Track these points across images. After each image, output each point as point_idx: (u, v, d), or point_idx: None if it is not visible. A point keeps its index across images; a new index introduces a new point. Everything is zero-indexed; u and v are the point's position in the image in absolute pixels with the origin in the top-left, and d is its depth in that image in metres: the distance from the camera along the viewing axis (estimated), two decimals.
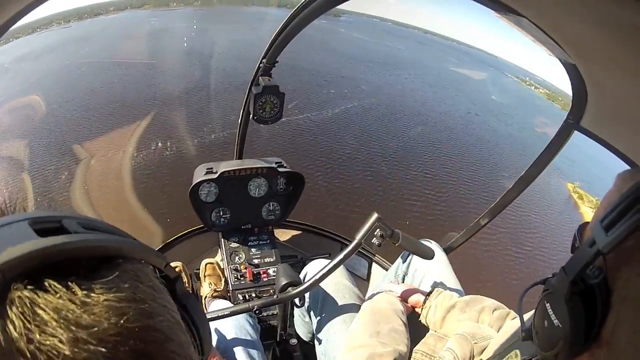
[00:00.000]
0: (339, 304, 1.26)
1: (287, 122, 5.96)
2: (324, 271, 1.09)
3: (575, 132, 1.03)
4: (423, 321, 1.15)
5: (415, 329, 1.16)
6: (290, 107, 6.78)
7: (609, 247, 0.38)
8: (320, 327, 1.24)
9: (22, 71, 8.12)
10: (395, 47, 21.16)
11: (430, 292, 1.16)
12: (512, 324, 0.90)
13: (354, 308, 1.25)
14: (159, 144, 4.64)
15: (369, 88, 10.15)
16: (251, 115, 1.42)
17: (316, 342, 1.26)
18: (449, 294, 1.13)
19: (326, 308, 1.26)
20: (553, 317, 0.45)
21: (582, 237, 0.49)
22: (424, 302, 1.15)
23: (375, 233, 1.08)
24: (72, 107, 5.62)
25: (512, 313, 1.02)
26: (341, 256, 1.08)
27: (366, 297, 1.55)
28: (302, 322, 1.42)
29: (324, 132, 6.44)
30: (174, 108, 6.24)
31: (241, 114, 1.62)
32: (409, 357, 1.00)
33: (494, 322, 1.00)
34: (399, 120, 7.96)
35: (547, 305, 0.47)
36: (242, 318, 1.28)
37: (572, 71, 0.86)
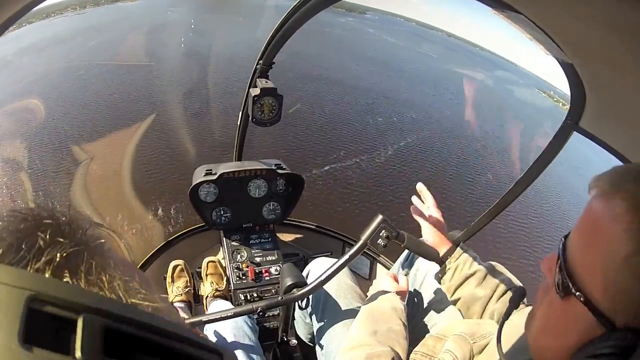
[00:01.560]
0: (341, 304, 1.26)
1: (333, 170, 4.76)
2: (330, 272, 1.09)
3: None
4: (439, 284, 1.14)
5: (415, 329, 1.16)
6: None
7: None
8: (321, 328, 1.25)
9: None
10: (428, 55, 19.73)
11: (451, 252, 1.12)
12: (512, 319, 0.90)
13: (357, 308, 1.25)
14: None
15: (419, 115, 8.27)
16: (250, 118, 1.42)
17: (317, 343, 1.27)
18: (470, 259, 1.10)
19: (328, 309, 1.26)
20: None
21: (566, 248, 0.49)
22: (444, 264, 1.12)
23: (381, 234, 1.08)
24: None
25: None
26: (347, 257, 1.08)
27: (367, 295, 1.56)
28: (302, 323, 1.43)
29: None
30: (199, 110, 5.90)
31: (240, 116, 1.63)
32: (407, 358, 1.00)
33: (502, 307, 0.99)
34: (466, 168, 6.16)
35: None
36: (240, 319, 1.29)
37: (570, 71, 0.85)
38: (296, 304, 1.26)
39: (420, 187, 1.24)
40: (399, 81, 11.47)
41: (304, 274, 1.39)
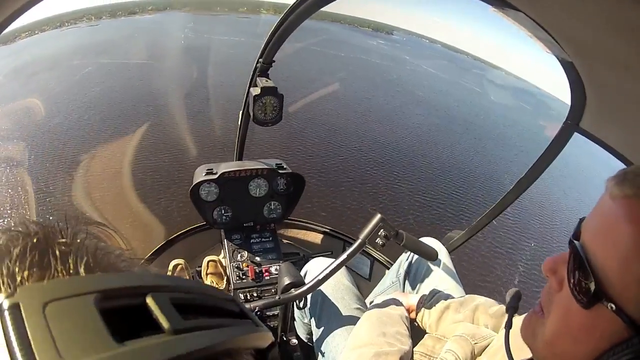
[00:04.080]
0: (339, 305, 1.26)
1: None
2: (327, 271, 1.09)
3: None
4: (418, 325, 1.15)
5: (413, 330, 1.16)
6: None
7: None
8: (319, 327, 1.25)
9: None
10: (472, 89, 17.33)
11: (424, 296, 1.16)
12: (514, 321, 0.90)
13: (354, 309, 1.25)
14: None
15: (519, 213, 4.86)
16: (251, 118, 1.41)
17: (315, 343, 1.26)
18: (442, 296, 1.13)
19: (325, 309, 1.26)
20: None
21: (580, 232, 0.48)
22: (418, 307, 1.15)
23: (379, 233, 1.08)
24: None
25: None
26: (344, 256, 1.08)
27: (371, 298, 1.56)
28: (301, 323, 1.43)
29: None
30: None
31: (240, 115, 1.63)
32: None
33: (490, 319, 1.00)
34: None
35: None
36: None
37: (570, 70, 0.84)
38: (294, 303, 1.26)
39: None
40: (466, 138, 8.51)
41: (302, 273, 1.38)
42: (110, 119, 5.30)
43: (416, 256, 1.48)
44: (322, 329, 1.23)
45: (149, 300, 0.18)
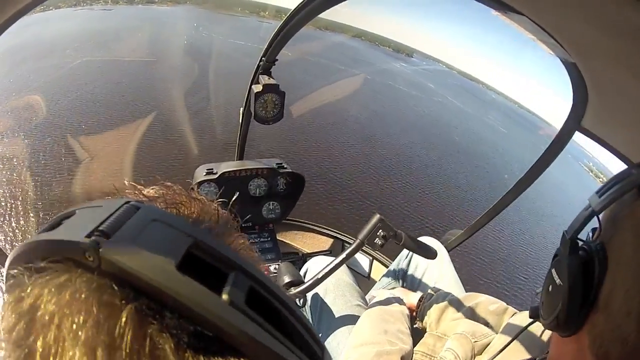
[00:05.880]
0: (340, 302, 1.26)
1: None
2: (326, 270, 1.09)
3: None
4: (419, 324, 1.16)
5: (414, 328, 1.16)
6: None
7: (600, 206, 0.42)
8: (320, 325, 1.24)
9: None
10: (498, 130, 16.58)
11: (424, 295, 1.17)
12: (514, 319, 0.90)
13: (355, 306, 1.25)
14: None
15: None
16: (252, 115, 1.41)
17: None
18: (442, 295, 1.13)
19: (326, 306, 1.26)
20: (556, 278, 0.46)
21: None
22: (418, 305, 1.16)
23: (378, 233, 1.08)
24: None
25: (510, 309, 1.03)
26: (343, 255, 1.08)
27: (370, 296, 1.56)
28: None
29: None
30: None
31: (241, 113, 1.62)
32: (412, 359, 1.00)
33: (490, 316, 1.00)
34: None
35: (553, 270, 0.48)
36: None
37: (573, 70, 0.85)
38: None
39: None
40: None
41: (302, 272, 1.38)
42: (102, 120, 5.24)
43: (415, 255, 1.48)
44: (323, 326, 1.23)
45: (232, 274, 0.20)
